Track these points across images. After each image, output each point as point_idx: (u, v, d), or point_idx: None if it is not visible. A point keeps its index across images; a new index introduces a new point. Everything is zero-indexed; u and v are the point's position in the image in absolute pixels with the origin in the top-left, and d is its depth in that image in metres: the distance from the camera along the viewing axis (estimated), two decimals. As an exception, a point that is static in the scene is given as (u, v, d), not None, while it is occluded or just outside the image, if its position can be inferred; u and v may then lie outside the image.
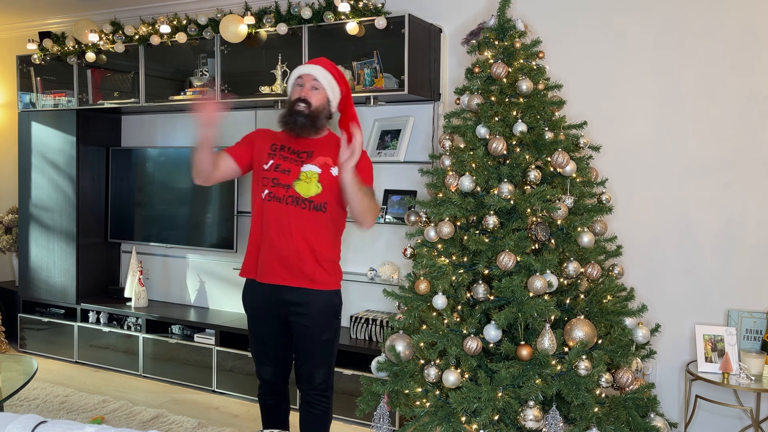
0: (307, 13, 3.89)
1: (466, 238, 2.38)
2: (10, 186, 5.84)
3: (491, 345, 2.29)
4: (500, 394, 2.16)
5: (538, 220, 2.35)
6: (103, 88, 4.89)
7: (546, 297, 2.25)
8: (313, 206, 2.63)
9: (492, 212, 2.35)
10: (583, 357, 2.15)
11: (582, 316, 2.28)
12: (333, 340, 2.73)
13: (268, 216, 2.65)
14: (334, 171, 2.64)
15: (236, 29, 4.07)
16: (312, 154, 2.67)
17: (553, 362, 2.16)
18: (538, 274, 2.22)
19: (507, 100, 2.51)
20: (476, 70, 2.56)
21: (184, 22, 4.37)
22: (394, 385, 2.42)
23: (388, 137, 4.03)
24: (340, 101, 2.73)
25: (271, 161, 2.69)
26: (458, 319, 2.36)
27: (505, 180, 2.36)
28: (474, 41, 2.68)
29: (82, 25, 4.71)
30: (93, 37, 4.67)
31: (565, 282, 2.37)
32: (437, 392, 2.36)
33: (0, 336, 4.97)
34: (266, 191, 2.66)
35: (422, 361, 2.40)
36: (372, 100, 3.83)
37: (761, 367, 3.04)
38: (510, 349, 2.23)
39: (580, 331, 2.19)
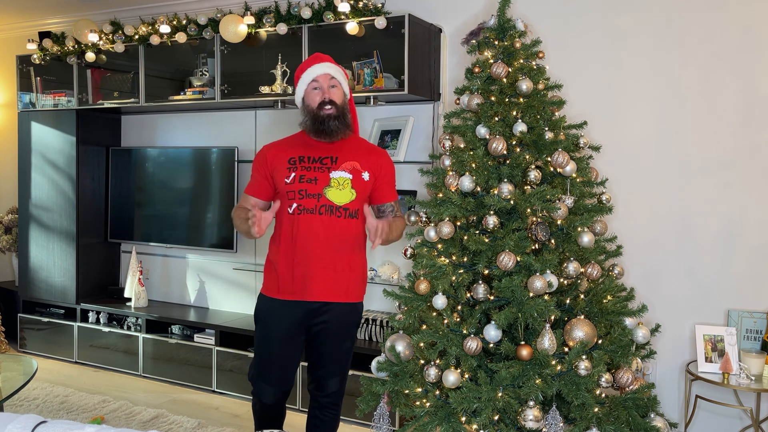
0: (307, 13, 3.89)
1: (466, 238, 2.38)
2: (10, 186, 5.84)
3: (491, 345, 2.29)
4: (500, 394, 2.16)
5: (538, 220, 2.35)
6: (103, 88, 4.89)
7: (546, 297, 2.25)
8: (348, 214, 2.53)
9: (492, 212, 2.35)
10: (583, 357, 2.14)
11: (582, 316, 2.28)
12: (351, 350, 2.70)
13: (301, 230, 2.50)
14: (365, 176, 2.56)
15: (236, 29, 4.07)
16: (337, 160, 2.55)
17: (553, 362, 2.16)
18: (538, 274, 2.22)
19: (507, 100, 2.51)
20: (476, 70, 2.56)
21: (184, 22, 4.37)
22: (394, 385, 2.41)
23: (388, 137, 4.03)
24: None
25: (293, 174, 2.54)
26: (458, 319, 2.36)
27: (505, 180, 2.36)
28: (474, 41, 2.68)
29: (82, 25, 4.71)
30: (93, 37, 4.67)
31: (565, 282, 2.37)
32: (437, 392, 2.36)
33: (0, 336, 4.98)
34: (294, 205, 2.51)
35: (422, 361, 2.40)
36: (372, 100, 3.83)
37: (761, 367, 3.04)
38: (510, 349, 2.23)
39: (580, 331, 2.19)
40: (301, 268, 2.52)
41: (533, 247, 2.34)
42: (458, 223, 2.44)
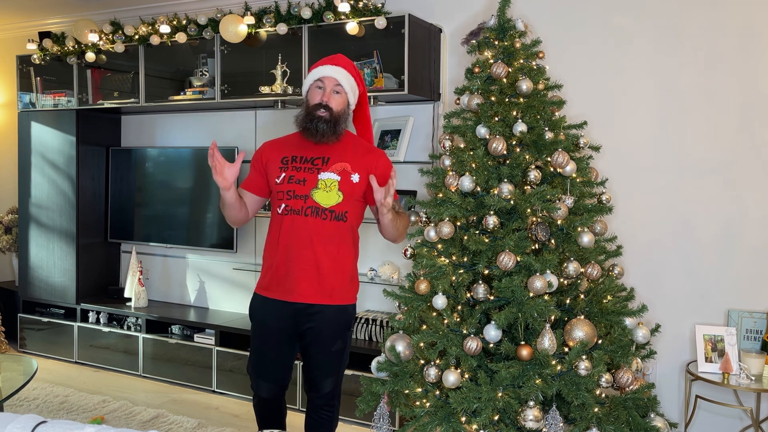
0: (307, 13, 3.89)
1: (466, 238, 2.38)
2: (10, 186, 5.84)
3: (491, 345, 2.29)
4: (500, 394, 2.16)
5: (538, 220, 2.35)
6: (103, 88, 4.89)
7: (546, 297, 2.25)
8: (335, 216, 2.52)
9: (492, 212, 2.35)
10: (583, 357, 2.15)
11: (582, 316, 2.28)
12: (343, 351, 2.67)
13: (287, 230, 2.53)
14: (355, 178, 2.54)
15: (236, 29, 4.07)
16: (328, 161, 2.55)
17: (553, 362, 2.16)
18: (538, 274, 2.22)
19: (507, 100, 2.51)
20: (476, 70, 2.56)
21: (184, 22, 4.37)
22: (394, 385, 2.41)
23: (388, 137, 4.03)
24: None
25: (284, 174, 2.57)
26: (458, 319, 2.36)
27: (505, 180, 2.36)
28: (474, 41, 2.68)
29: (82, 25, 4.71)
30: (93, 37, 4.67)
31: (565, 282, 2.37)
32: (437, 392, 2.36)
33: (0, 336, 4.98)
34: (282, 205, 2.55)
35: (422, 361, 2.40)
36: (372, 100, 3.83)
37: (761, 367, 3.04)
38: (510, 349, 2.23)
39: (580, 331, 2.19)
40: (285, 268, 2.54)
41: (533, 247, 2.34)
42: (458, 223, 2.44)
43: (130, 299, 4.84)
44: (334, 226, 2.53)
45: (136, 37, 4.55)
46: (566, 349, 2.21)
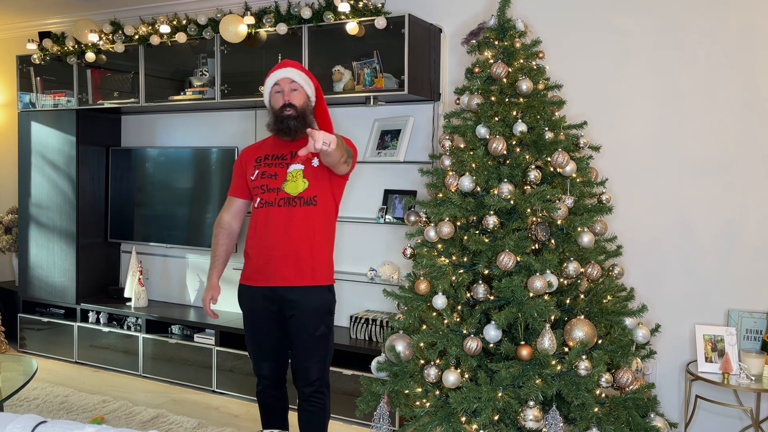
0: (307, 13, 3.89)
1: (466, 238, 2.38)
2: (10, 186, 5.84)
3: (491, 345, 2.29)
4: (500, 394, 2.16)
5: (538, 220, 2.35)
6: (103, 88, 4.89)
7: (546, 297, 2.25)
8: (303, 201, 2.71)
9: (492, 212, 2.35)
10: (583, 357, 2.14)
11: (582, 316, 2.28)
12: (326, 336, 2.79)
13: (263, 221, 2.74)
14: (315, 162, 2.73)
15: (236, 29, 4.07)
16: (294, 155, 2.75)
17: (553, 362, 2.16)
18: (538, 274, 2.22)
19: (507, 100, 2.51)
20: (476, 70, 2.56)
21: (184, 22, 4.37)
22: (394, 385, 2.41)
23: (388, 137, 4.03)
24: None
25: (257, 171, 2.78)
26: (458, 319, 2.36)
27: (505, 180, 2.36)
28: (474, 41, 2.68)
29: (82, 25, 4.71)
30: (93, 37, 4.67)
31: (565, 282, 2.37)
32: (437, 392, 2.36)
33: (0, 336, 4.98)
34: (258, 199, 2.76)
35: (422, 361, 2.40)
36: (372, 100, 3.83)
37: (761, 367, 3.04)
38: (510, 349, 2.23)
39: (580, 331, 2.19)
40: (265, 257, 2.73)
41: (533, 247, 2.34)
42: (458, 223, 2.44)
43: (130, 299, 4.84)
44: (305, 211, 2.70)
45: (136, 37, 4.55)
46: (566, 349, 2.21)
